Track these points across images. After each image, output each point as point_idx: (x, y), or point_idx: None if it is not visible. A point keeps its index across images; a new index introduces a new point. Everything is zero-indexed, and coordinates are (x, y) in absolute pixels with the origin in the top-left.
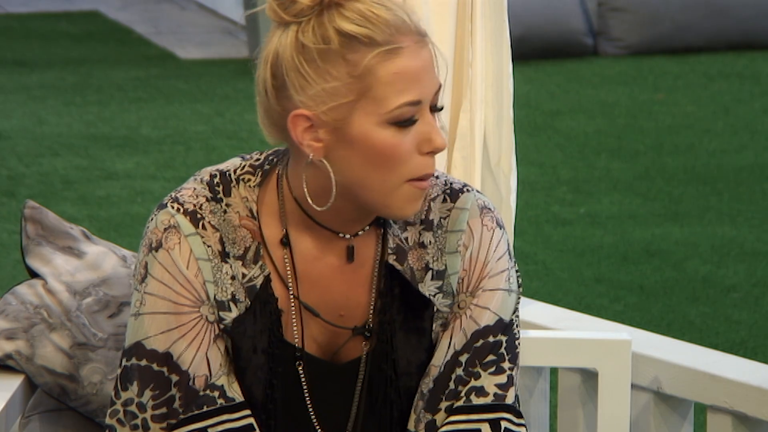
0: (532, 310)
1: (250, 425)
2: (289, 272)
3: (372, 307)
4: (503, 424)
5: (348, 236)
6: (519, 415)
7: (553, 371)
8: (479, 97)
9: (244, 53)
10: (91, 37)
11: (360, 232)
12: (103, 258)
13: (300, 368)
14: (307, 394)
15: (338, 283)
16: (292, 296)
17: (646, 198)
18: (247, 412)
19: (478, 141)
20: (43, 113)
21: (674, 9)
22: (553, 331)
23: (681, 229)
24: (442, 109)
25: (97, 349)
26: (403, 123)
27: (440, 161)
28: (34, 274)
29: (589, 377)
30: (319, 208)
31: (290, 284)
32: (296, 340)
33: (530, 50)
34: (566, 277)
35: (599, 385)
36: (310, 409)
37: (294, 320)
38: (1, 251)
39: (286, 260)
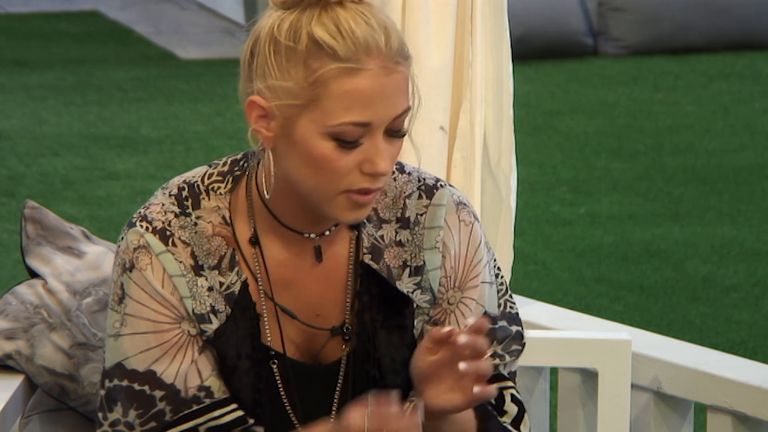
0: (532, 310)
1: (242, 417)
2: (259, 275)
3: (348, 307)
4: (510, 391)
5: (314, 236)
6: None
7: (553, 371)
8: (479, 97)
9: None
10: (91, 37)
11: (327, 232)
12: (103, 258)
13: (275, 367)
14: (284, 395)
15: (311, 283)
16: (265, 298)
17: (646, 198)
18: (235, 405)
19: (478, 141)
20: (43, 113)
21: (674, 9)
22: (553, 331)
23: (681, 229)
24: (404, 135)
25: (97, 349)
26: (345, 142)
27: (440, 161)
28: (34, 274)
29: (589, 377)
30: (267, 196)
31: (262, 286)
32: (269, 340)
33: (530, 50)
34: (566, 277)
35: (599, 385)
36: (289, 410)
37: (267, 323)
38: (1, 251)
39: (257, 263)
